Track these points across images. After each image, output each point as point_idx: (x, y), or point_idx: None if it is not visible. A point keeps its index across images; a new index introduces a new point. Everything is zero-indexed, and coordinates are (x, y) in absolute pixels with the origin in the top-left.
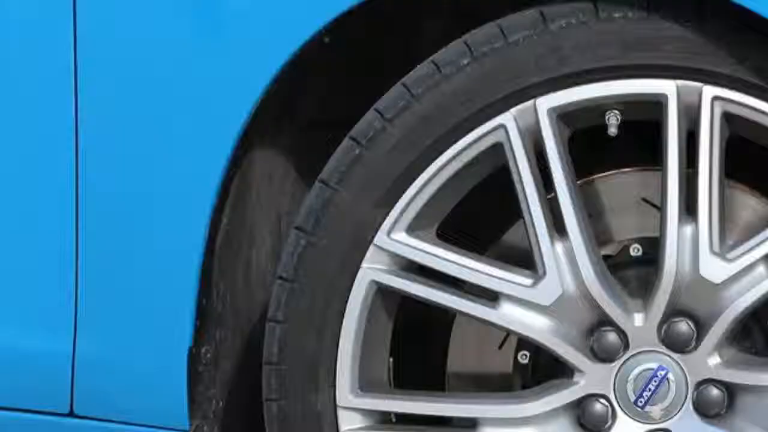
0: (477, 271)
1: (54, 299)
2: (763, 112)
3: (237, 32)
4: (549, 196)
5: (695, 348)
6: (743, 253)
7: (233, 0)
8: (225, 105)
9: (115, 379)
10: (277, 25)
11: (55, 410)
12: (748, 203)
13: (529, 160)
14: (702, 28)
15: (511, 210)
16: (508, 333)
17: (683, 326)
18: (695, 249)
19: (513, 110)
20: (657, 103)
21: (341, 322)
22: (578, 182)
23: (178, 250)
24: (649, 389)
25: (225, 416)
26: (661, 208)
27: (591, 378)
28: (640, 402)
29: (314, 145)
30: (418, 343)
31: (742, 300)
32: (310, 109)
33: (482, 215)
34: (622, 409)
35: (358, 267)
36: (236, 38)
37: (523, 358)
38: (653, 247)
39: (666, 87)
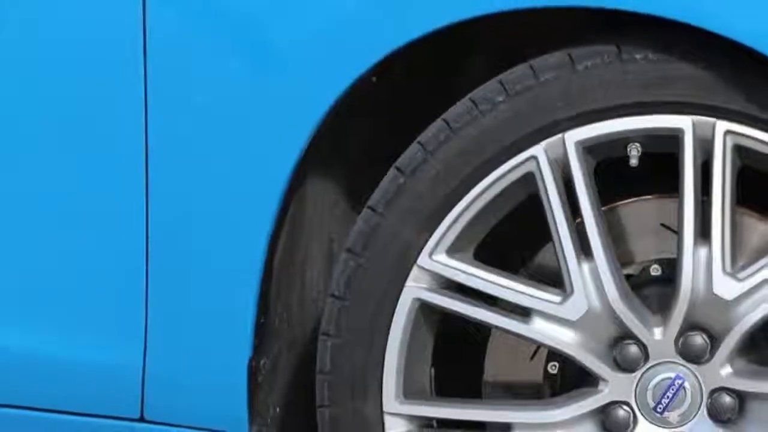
0: (511, 289)
1: (126, 316)
2: None
3: (291, 73)
4: (576, 221)
5: (709, 359)
6: (753, 273)
7: (288, 45)
8: (282, 139)
9: (182, 388)
10: (328, 67)
11: (127, 416)
12: (757, 228)
13: (558, 188)
14: (715, 68)
15: (542, 234)
16: (539, 345)
17: (698, 339)
18: (709, 269)
19: (543, 143)
20: (674, 137)
21: (387, 336)
22: (603, 208)
23: (239, 270)
24: (667, 396)
25: (281, 422)
26: (678, 232)
27: (614, 386)
28: (659, 408)
29: (362, 174)
30: (457, 355)
31: (752, 315)
32: (359, 142)
33: (516, 238)
34: (642, 414)
35: (402, 286)
36: (290, 79)
37: (553, 368)
38: (671, 267)
39: (682, 122)
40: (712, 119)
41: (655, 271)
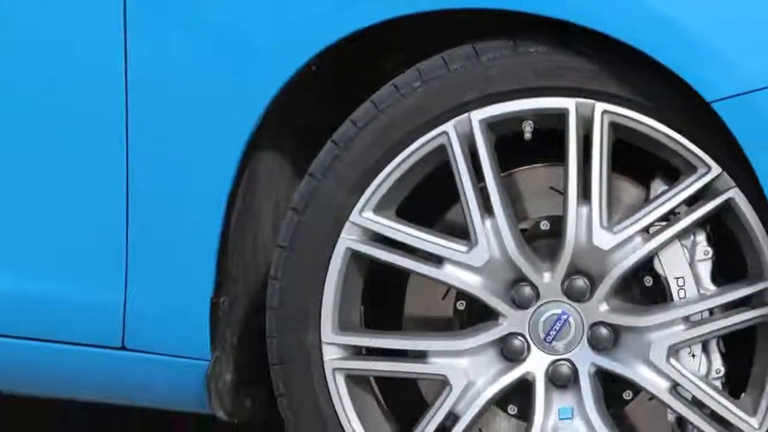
0: (426, 240)
1: (110, 260)
2: (639, 122)
3: (245, 61)
4: (480, 185)
5: (589, 298)
6: (625, 228)
7: (243, 38)
8: (237, 116)
9: (157, 321)
10: (274, 58)
11: (111, 345)
12: (629, 190)
13: (465, 158)
14: (594, 59)
15: (452, 194)
16: (450, 287)
17: (580, 282)
18: (589, 224)
19: (453, 121)
20: (561, 116)
21: (325, 280)
22: (502, 174)
23: (203, 225)
24: (555, 329)
25: (237, 349)
26: (563, 194)
27: (511, 321)
28: (548, 339)
29: (305, 146)
30: (383, 295)
31: (625, 262)
32: (303, 119)
33: (431, 198)
34: (534, 344)
35: (337, 238)
36: (245, 66)
37: (461, 305)
38: (558, 223)
39: (567, 103)
40: (591, 101)
41: (545, 226)
